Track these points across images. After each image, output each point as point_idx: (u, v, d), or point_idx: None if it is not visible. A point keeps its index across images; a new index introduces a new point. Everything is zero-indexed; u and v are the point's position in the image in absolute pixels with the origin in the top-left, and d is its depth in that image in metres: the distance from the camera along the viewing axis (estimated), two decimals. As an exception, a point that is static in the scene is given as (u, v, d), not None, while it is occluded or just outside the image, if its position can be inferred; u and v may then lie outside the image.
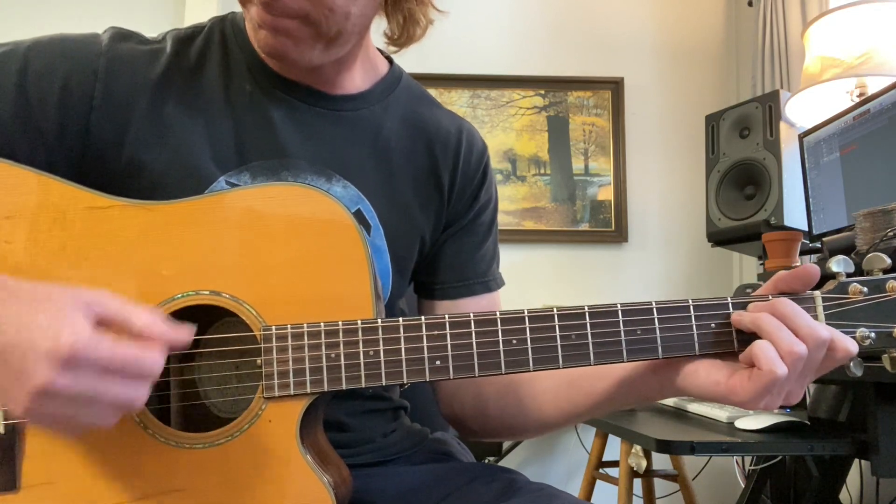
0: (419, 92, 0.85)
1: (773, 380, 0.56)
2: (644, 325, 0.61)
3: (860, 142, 1.52)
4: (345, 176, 0.75)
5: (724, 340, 0.61)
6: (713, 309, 0.61)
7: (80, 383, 0.48)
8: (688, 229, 2.70)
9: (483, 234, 0.85)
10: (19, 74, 0.66)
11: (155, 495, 0.57)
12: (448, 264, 0.83)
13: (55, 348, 0.47)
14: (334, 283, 0.60)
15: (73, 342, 0.47)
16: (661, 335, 0.61)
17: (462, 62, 2.73)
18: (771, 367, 0.55)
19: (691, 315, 0.61)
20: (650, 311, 0.61)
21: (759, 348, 0.57)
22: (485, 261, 0.85)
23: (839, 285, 0.62)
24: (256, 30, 0.68)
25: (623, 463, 1.90)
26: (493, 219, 0.87)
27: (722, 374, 0.60)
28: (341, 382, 0.59)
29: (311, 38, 0.68)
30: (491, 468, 0.77)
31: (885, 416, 1.17)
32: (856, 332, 0.60)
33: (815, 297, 0.62)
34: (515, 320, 0.60)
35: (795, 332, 0.57)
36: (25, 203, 0.59)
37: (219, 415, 0.67)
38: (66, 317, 0.48)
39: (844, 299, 0.61)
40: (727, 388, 0.59)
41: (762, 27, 2.43)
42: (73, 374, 0.48)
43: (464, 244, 0.83)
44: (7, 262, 0.58)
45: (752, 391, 0.57)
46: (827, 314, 0.61)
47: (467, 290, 0.83)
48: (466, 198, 0.83)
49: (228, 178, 0.70)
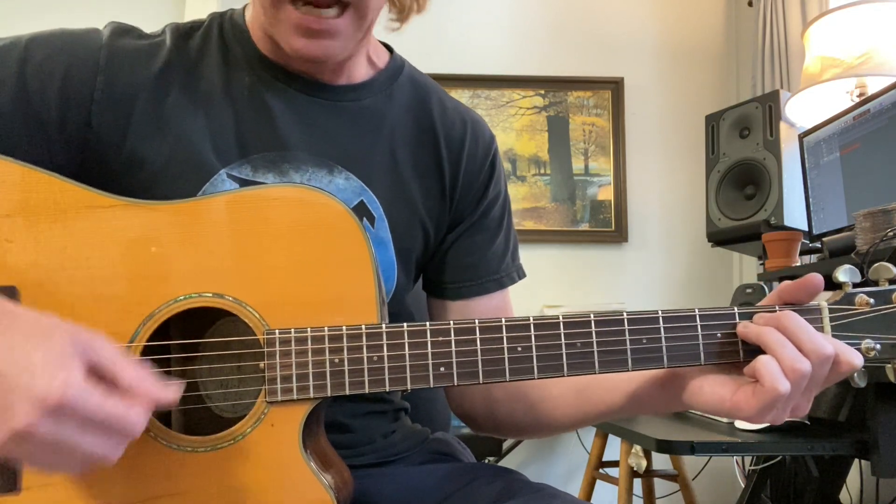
0: (424, 81, 0.84)
1: (776, 396, 0.55)
2: (650, 335, 0.60)
3: (860, 142, 1.52)
4: (347, 167, 0.74)
5: (730, 351, 0.60)
6: (719, 319, 0.60)
7: (61, 433, 0.46)
8: (688, 229, 2.70)
9: (494, 229, 0.83)
10: (20, 67, 0.66)
11: (156, 498, 0.57)
12: (459, 263, 0.81)
13: (45, 394, 0.45)
14: (338, 285, 0.60)
15: (63, 391, 0.45)
16: (666, 344, 0.60)
17: (462, 62, 2.72)
18: (774, 385, 0.55)
19: (697, 325, 0.60)
20: (656, 319, 0.60)
21: (762, 364, 0.56)
22: (497, 257, 0.83)
23: (846, 296, 0.61)
24: (291, 39, 0.67)
25: (623, 463, 1.90)
26: (503, 212, 0.85)
27: (727, 390, 0.59)
28: (345, 388, 0.58)
29: (356, 29, 0.68)
30: (491, 468, 0.77)
31: (885, 416, 1.17)
32: (861, 343, 0.60)
33: (822, 308, 0.61)
34: (520, 328, 0.60)
35: (799, 347, 0.56)
36: (26, 201, 0.58)
37: (221, 415, 0.67)
38: (62, 361, 0.47)
39: (851, 310, 0.61)
40: (732, 405, 0.58)
41: (762, 27, 2.43)
42: (56, 423, 0.46)
43: (474, 242, 0.81)
44: (7, 261, 0.58)
45: (756, 407, 0.56)
46: (833, 325, 0.60)
47: (480, 288, 0.81)
48: (473, 192, 0.81)
49: (229, 171, 0.70)
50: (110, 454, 0.49)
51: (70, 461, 0.49)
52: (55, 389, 0.45)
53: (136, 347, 0.58)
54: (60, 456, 0.48)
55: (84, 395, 0.47)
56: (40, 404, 0.45)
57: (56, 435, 0.46)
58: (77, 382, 0.46)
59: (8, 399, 0.45)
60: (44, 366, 0.46)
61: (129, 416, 0.49)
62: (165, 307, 0.58)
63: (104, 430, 0.48)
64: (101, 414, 0.47)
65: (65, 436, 0.47)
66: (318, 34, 0.67)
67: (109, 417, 0.48)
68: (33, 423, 0.45)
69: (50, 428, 0.46)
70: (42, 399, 0.45)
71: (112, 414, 0.48)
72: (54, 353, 0.47)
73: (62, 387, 0.45)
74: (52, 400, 0.45)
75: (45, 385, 0.45)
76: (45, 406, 0.45)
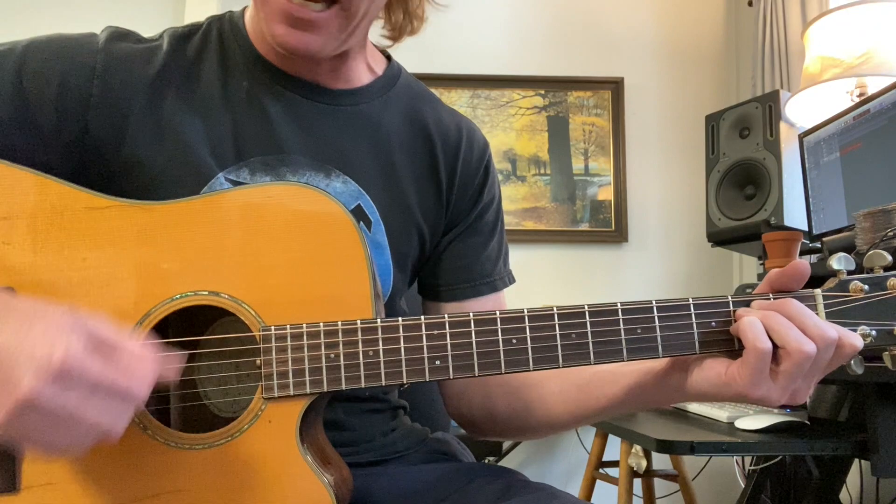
0: (419, 89, 0.85)
1: (760, 356, 0.56)
2: (644, 324, 0.60)
3: (860, 142, 1.52)
4: (344, 171, 0.74)
5: (725, 339, 0.61)
6: (714, 307, 0.61)
7: (65, 399, 0.46)
8: (688, 229, 2.70)
9: (487, 233, 0.84)
10: (16, 73, 0.66)
11: (154, 496, 0.57)
12: (453, 266, 0.82)
13: (47, 360, 0.45)
14: (333, 283, 0.60)
15: (65, 357, 0.46)
16: (661, 334, 0.60)
17: (462, 62, 2.72)
18: (755, 343, 0.56)
19: (692, 314, 0.61)
20: (650, 309, 0.60)
21: (744, 324, 0.57)
22: (490, 260, 0.84)
23: (840, 283, 0.62)
24: (273, 24, 0.67)
25: (623, 463, 1.90)
26: (496, 217, 0.86)
27: (722, 367, 0.60)
28: (341, 383, 0.58)
29: (340, 27, 0.68)
30: (491, 468, 0.77)
31: (885, 416, 1.17)
32: (856, 330, 0.60)
33: (816, 296, 0.61)
34: (515, 319, 0.60)
35: (804, 331, 0.57)
36: (23, 203, 0.59)
37: (219, 414, 0.67)
38: (62, 332, 0.47)
39: (845, 297, 0.61)
40: (728, 377, 0.59)
41: (762, 27, 2.43)
42: (60, 389, 0.46)
43: (468, 245, 0.83)
44: (5, 263, 0.58)
45: (747, 375, 0.57)
46: (828, 312, 0.61)
47: (473, 290, 0.82)
48: (468, 197, 0.83)
49: (227, 175, 0.70)
50: (116, 423, 0.49)
51: (75, 434, 0.48)
52: (57, 355, 0.46)
53: (134, 346, 0.58)
54: (66, 429, 0.48)
55: (87, 361, 0.47)
56: (44, 370, 0.45)
57: (61, 401, 0.46)
58: (78, 349, 0.47)
59: (12, 371, 0.46)
60: (44, 336, 0.47)
61: (132, 383, 0.49)
62: (162, 306, 0.59)
63: (108, 395, 0.48)
64: (104, 379, 0.48)
65: (70, 402, 0.47)
66: (301, 24, 0.66)
67: (113, 383, 0.48)
68: (37, 389, 0.45)
69: (54, 393, 0.46)
70: (45, 365, 0.45)
71: (115, 379, 0.48)
72: (54, 327, 0.47)
73: (64, 352, 0.46)
74: (55, 365, 0.46)
75: (46, 351, 0.46)
76: (48, 372, 0.45)
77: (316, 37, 0.67)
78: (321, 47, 0.69)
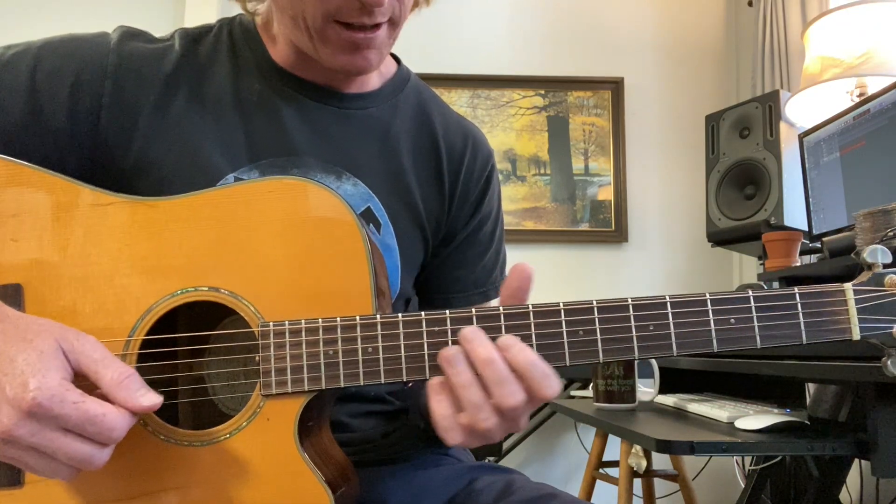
0: (429, 94, 0.85)
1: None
2: (657, 321, 0.56)
3: (860, 141, 1.52)
4: (354, 174, 0.75)
5: (747, 337, 0.56)
6: (733, 303, 0.57)
7: (40, 435, 0.47)
8: (688, 229, 2.70)
9: (485, 244, 0.85)
10: (30, 74, 0.67)
11: (154, 493, 0.57)
12: (448, 275, 0.83)
13: (20, 397, 0.46)
14: (334, 278, 0.60)
15: (35, 394, 0.46)
16: (675, 331, 0.56)
17: (462, 62, 2.73)
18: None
19: (709, 310, 0.57)
20: (664, 304, 0.56)
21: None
22: (486, 270, 0.85)
23: (874, 276, 0.56)
24: (337, 56, 0.69)
25: (623, 463, 1.90)
26: (495, 228, 0.87)
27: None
28: (339, 380, 0.57)
29: (389, 38, 0.70)
30: (491, 468, 0.77)
31: (885, 416, 1.17)
32: (893, 328, 0.55)
33: (846, 290, 0.56)
34: (519, 315, 0.58)
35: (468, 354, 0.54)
36: (31, 201, 0.60)
37: (226, 412, 0.67)
38: (41, 364, 0.48)
39: (879, 292, 0.56)
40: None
41: (762, 27, 2.43)
42: (34, 426, 0.47)
43: (465, 256, 0.83)
44: (14, 259, 0.59)
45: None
46: (859, 308, 0.56)
47: (466, 301, 0.83)
48: (468, 206, 0.83)
49: (238, 176, 0.70)
50: (93, 458, 0.50)
51: (55, 465, 0.49)
52: (28, 393, 0.46)
53: (136, 341, 0.58)
54: (45, 459, 0.49)
55: (58, 398, 0.47)
56: (16, 406, 0.47)
57: (36, 437, 0.47)
58: (52, 385, 0.47)
59: None
60: (23, 369, 0.47)
61: (106, 419, 0.49)
62: (163, 301, 0.59)
63: (83, 432, 0.49)
64: (76, 416, 0.48)
65: (45, 438, 0.48)
66: (361, 48, 0.68)
67: (86, 421, 0.48)
68: (9, 426, 0.47)
69: (29, 430, 0.47)
70: (17, 402, 0.47)
71: (89, 416, 0.48)
72: (35, 356, 0.48)
73: (35, 391, 0.47)
74: (26, 403, 0.46)
75: (20, 388, 0.47)
76: (19, 409, 0.47)
77: (374, 55, 0.69)
78: (379, 62, 0.71)
